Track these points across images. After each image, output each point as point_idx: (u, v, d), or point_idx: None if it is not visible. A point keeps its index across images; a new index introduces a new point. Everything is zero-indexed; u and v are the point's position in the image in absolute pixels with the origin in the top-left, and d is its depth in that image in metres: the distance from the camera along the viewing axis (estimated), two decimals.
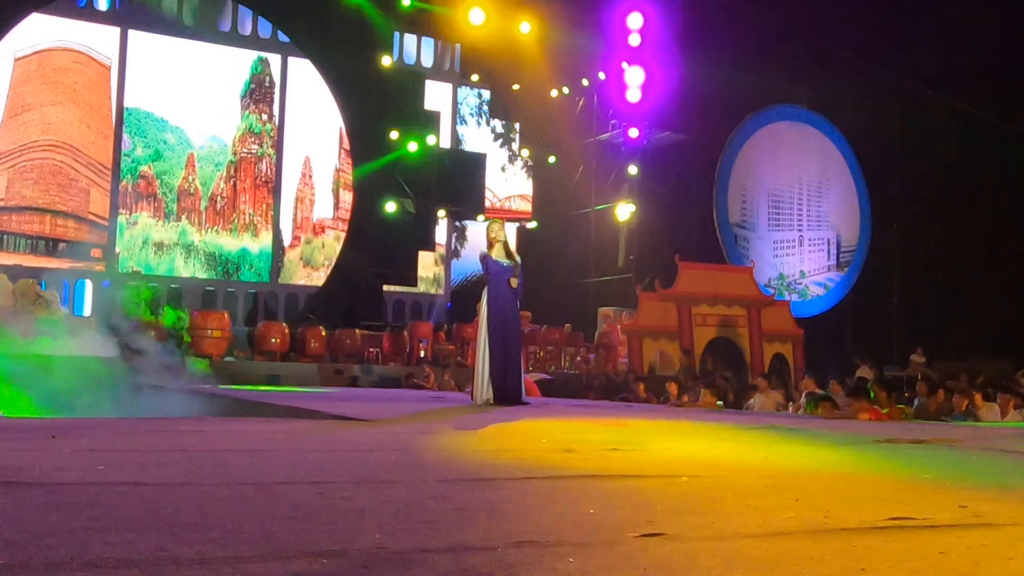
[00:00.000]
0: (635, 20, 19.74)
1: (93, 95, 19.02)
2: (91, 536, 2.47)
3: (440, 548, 2.49)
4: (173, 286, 19.31)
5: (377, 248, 20.50)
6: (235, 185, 20.55)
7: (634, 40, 19.76)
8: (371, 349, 17.23)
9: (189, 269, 19.94)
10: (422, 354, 17.20)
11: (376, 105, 20.48)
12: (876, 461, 5.22)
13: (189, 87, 19.82)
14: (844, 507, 3.32)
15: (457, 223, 23.28)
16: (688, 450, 5.62)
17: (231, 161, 20.53)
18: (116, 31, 19.24)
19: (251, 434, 5.85)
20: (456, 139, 23.18)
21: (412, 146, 20.59)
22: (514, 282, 8.83)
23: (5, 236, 18.12)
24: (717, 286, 18.32)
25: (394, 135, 20.46)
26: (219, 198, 20.33)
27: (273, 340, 16.43)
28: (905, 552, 2.58)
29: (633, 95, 19.88)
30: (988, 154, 20.61)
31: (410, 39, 22.34)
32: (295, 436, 5.66)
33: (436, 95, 22.22)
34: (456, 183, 21.86)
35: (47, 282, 16.90)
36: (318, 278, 21.41)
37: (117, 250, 19.20)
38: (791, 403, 12.53)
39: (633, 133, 20.52)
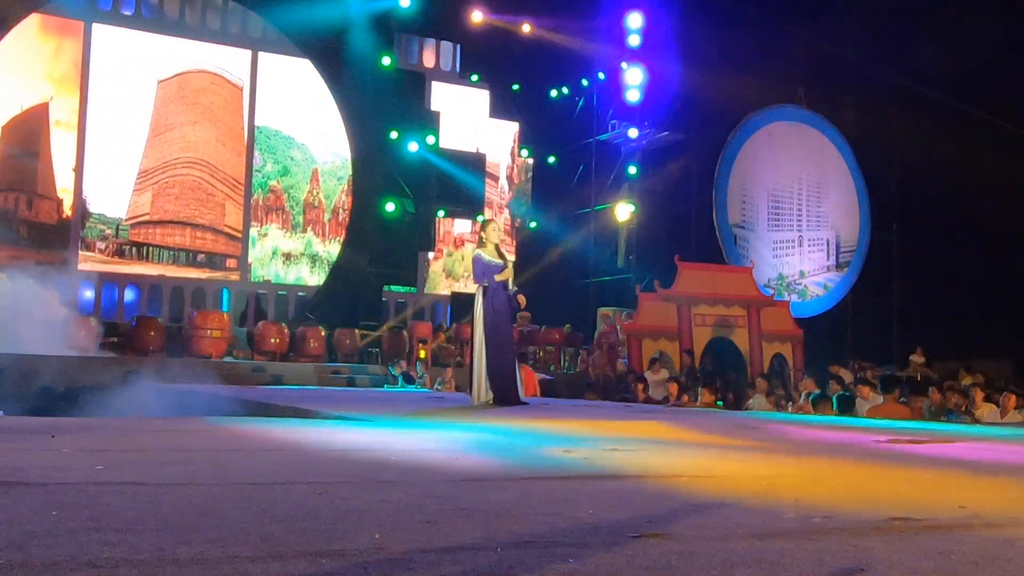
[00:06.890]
0: (635, 20, 19.72)
1: (227, 114, 20.24)
2: (91, 536, 2.47)
3: (440, 548, 2.49)
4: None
5: (377, 248, 20.49)
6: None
7: (634, 40, 19.74)
8: (370, 349, 17.22)
9: (315, 278, 21.08)
10: (422, 354, 17.20)
11: (376, 105, 20.44)
12: (875, 461, 5.22)
13: (313, 105, 20.97)
14: (844, 507, 3.32)
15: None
16: (688, 451, 5.62)
17: (351, 175, 21.51)
18: (248, 54, 20.47)
19: (251, 434, 5.86)
20: (456, 139, 23.14)
21: (412, 146, 20.56)
22: (499, 276, 8.83)
23: (150, 248, 19.31)
24: (717, 286, 18.28)
25: (394, 135, 20.44)
26: (340, 210, 21.51)
27: (272, 340, 16.41)
28: (905, 552, 2.58)
29: (633, 95, 19.87)
30: (988, 154, 20.57)
31: (410, 39, 22.32)
32: (295, 436, 5.66)
33: (437, 95, 22.22)
34: (456, 183, 21.85)
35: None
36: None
37: (250, 260, 20.40)
38: (790, 403, 12.55)
39: (633, 133, 20.50)
